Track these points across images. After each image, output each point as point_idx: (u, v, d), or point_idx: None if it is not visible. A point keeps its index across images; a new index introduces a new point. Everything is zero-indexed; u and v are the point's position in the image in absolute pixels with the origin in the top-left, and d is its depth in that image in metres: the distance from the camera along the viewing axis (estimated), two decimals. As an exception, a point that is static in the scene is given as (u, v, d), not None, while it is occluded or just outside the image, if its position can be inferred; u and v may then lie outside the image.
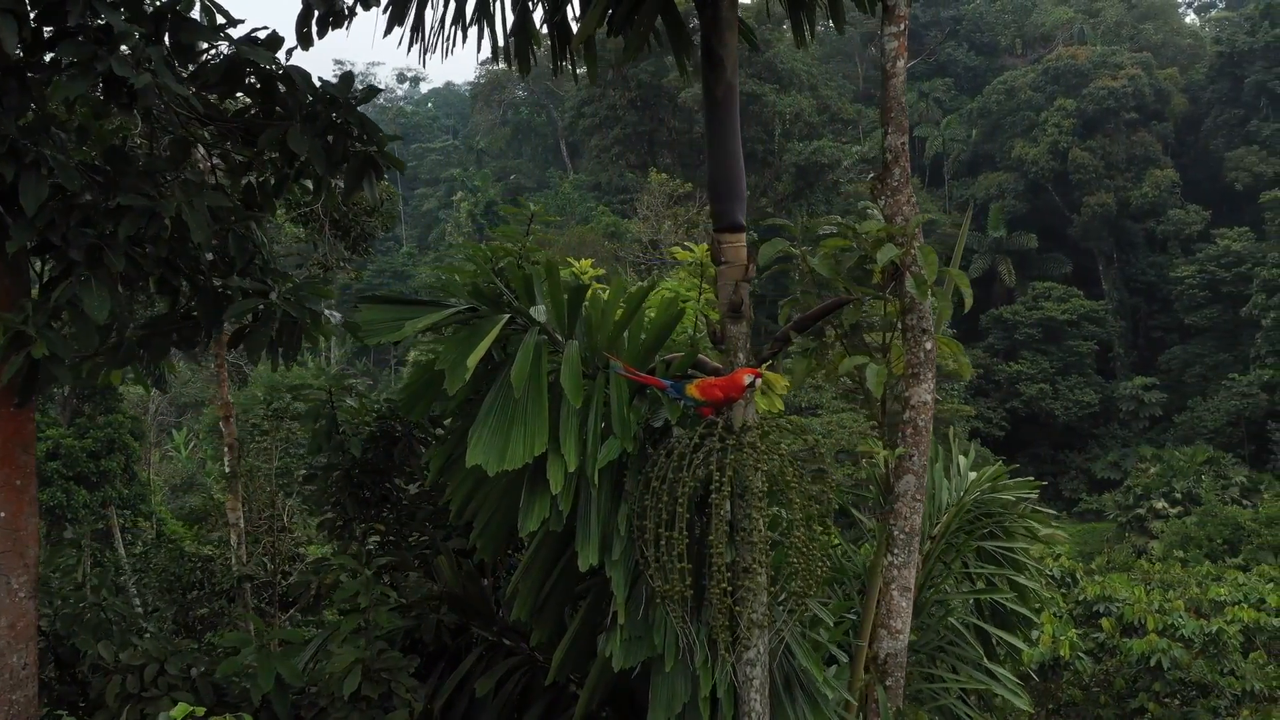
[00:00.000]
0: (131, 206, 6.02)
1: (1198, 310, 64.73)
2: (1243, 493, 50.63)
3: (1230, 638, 13.11)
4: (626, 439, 6.23)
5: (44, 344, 6.02)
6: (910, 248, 6.29)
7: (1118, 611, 14.17)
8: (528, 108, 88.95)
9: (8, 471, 6.51)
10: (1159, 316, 68.27)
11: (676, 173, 60.01)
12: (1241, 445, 57.89)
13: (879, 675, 6.38)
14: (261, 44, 6.41)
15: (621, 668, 6.25)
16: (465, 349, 6.23)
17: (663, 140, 66.50)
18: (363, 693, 6.87)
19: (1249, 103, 69.35)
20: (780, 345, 6.65)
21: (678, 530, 5.94)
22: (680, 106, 63.32)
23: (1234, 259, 63.51)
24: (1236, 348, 63.09)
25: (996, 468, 9.94)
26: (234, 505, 10.96)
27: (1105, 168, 67.27)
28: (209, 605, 10.42)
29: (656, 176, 53.41)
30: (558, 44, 7.80)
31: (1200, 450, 54.02)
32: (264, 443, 12.44)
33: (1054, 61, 71.67)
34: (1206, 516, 44.82)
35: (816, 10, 7.65)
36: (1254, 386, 58.49)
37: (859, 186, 66.15)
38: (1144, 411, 62.04)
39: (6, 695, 6.47)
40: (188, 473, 42.82)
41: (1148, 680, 13.41)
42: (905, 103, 6.43)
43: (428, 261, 77.62)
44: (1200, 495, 48.73)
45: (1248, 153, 68.04)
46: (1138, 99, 68.33)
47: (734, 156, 6.76)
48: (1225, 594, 15.33)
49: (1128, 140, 68.11)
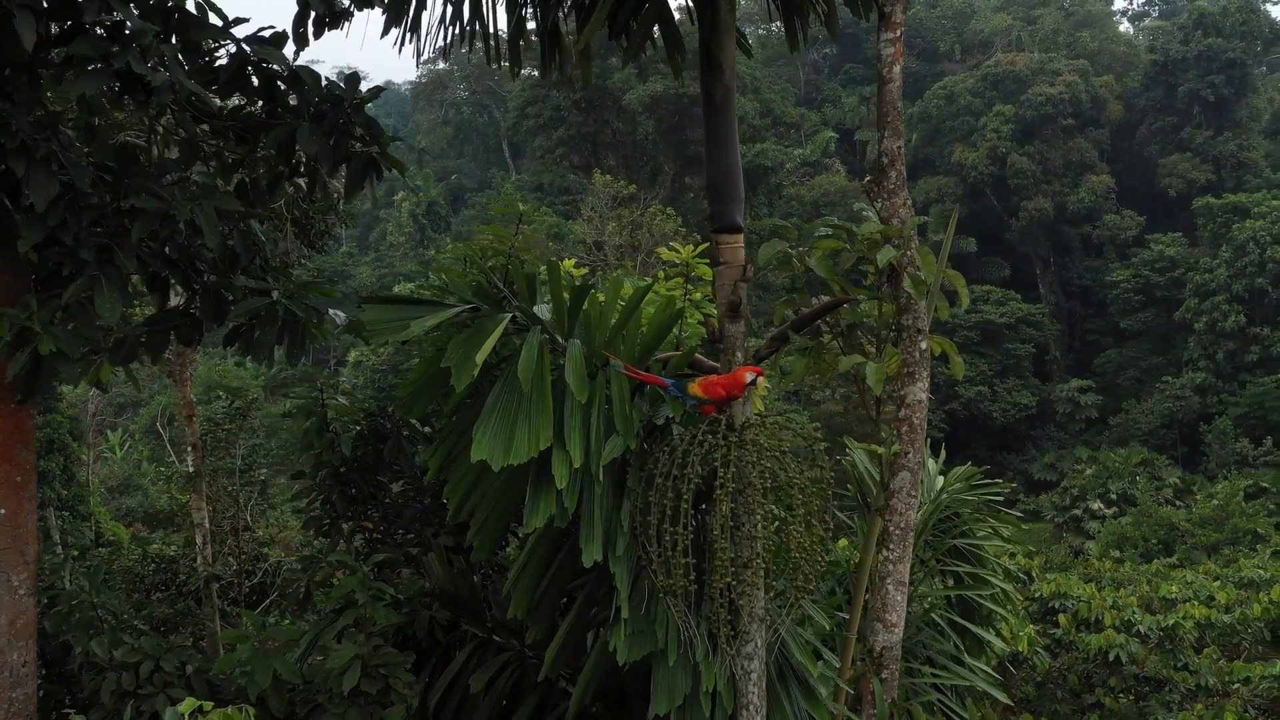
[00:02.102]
0: (145, 209, 6.03)
1: (1132, 314, 65.80)
2: (1176, 494, 51.41)
3: (1186, 633, 13.45)
4: (629, 436, 6.34)
5: (51, 341, 6.02)
6: (907, 249, 6.44)
7: (1073, 608, 14.46)
8: (470, 108, 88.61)
9: (8, 468, 6.49)
10: (1094, 320, 69.30)
11: (620, 174, 60.17)
12: (1174, 447, 58.93)
13: (875, 668, 6.53)
14: (269, 43, 6.44)
15: (625, 662, 6.34)
16: (470, 347, 6.32)
17: (607, 142, 66.60)
18: (361, 688, 6.92)
19: (1182, 110, 70.58)
20: (778, 344, 6.79)
21: (682, 526, 6.07)
22: (624, 108, 63.46)
23: (1167, 264, 64.66)
24: (1170, 351, 64.17)
25: (968, 469, 10.16)
26: (199, 505, 10.91)
27: (1043, 173, 68.21)
28: (174, 605, 10.38)
29: (601, 178, 53.52)
30: (548, 49, 7.89)
31: (1135, 452, 54.87)
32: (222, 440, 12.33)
33: (993, 68, 72.56)
34: (1142, 517, 45.47)
35: (810, 16, 7.79)
36: (1186, 389, 59.58)
37: (800, 189, 66.70)
38: (1080, 414, 62.92)
39: (6, 693, 6.45)
40: (124, 474, 42.31)
41: (1104, 675, 13.70)
42: (901, 107, 6.59)
43: (368, 261, 77.02)
44: (1135, 496, 49.45)
45: (1181, 159, 69.29)
46: (1075, 105, 69.35)
47: (732, 158, 6.89)
48: (1176, 591, 15.71)
49: (1065, 146, 69.09)
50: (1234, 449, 55.74)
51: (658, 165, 65.17)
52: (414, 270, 69.27)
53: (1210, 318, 60.10)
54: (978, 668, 8.71)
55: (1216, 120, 69.82)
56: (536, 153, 70.38)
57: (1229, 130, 69.71)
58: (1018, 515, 10.92)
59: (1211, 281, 60.80)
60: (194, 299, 7.10)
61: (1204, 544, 40.87)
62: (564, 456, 6.21)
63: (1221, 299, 60.13)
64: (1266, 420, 56.88)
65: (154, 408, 57.52)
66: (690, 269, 8.45)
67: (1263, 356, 59.02)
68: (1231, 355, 60.01)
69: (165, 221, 6.11)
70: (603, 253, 47.94)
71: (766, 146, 63.45)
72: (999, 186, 69.36)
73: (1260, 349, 59.10)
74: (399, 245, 73.77)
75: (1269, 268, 58.80)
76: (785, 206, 65.09)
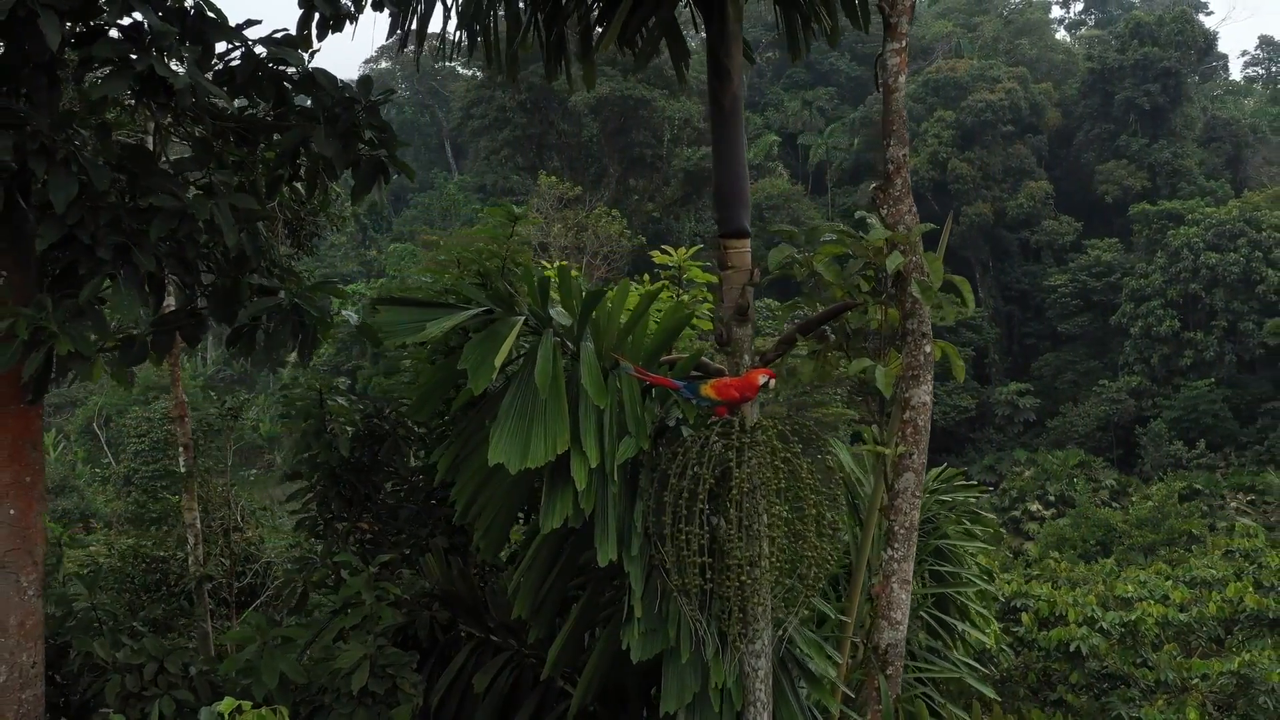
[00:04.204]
0: (163, 207, 6.04)
1: (1070, 318, 66.62)
2: (1112, 495, 52.31)
3: (1148, 629, 13.73)
4: (642, 437, 6.42)
5: (68, 341, 6.01)
6: (913, 255, 6.58)
7: (1034, 606, 14.71)
8: (412, 107, 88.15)
9: (17, 469, 6.46)
10: (1033, 324, 70.12)
11: (565, 176, 60.10)
12: (1111, 449, 59.78)
13: (880, 664, 6.65)
14: (286, 44, 6.47)
15: (639, 660, 6.42)
16: (487, 349, 6.37)
17: (551, 143, 66.43)
18: (369, 688, 6.95)
19: (1119, 118, 71.62)
20: (785, 347, 6.90)
21: (697, 526, 6.16)
22: (570, 110, 63.38)
23: (1104, 269, 65.62)
24: (1106, 355, 65.07)
25: (947, 470, 10.35)
26: (190, 506, 10.86)
27: (983, 178, 68.95)
28: (165, 606, 10.33)
29: (546, 179, 53.43)
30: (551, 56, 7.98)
31: (1072, 454, 55.73)
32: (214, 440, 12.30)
33: (934, 74, 73.30)
34: (1080, 518, 46.16)
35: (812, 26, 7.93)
36: (1122, 393, 60.45)
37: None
38: (1018, 417, 63.63)
39: (16, 694, 6.42)
40: (60, 475, 41.72)
41: (1065, 671, 13.95)
42: (906, 115, 6.72)
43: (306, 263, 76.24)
44: (1073, 498, 50.26)
45: (1117, 166, 70.30)
46: (1014, 112, 70.16)
47: (740, 164, 7.00)
48: (1132, 591, 16.02)
49: (1004, 152, 69.85)
50: (1168, 451, 56.67)
51: (603, 167, 65.16)
52: (355, 270, 68.80)
53: (1145, 322, 61.10)
54: (962, 662, 8.89)
55: (1152, 128, 70.90)
56: (481, 153, 70.14)
57: (1164, 138, 70.83)
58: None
59: (1147, 287, 61.82)
60: (194, 299, 7.11)
61: (1141, 545, 41.58)
62: (581, 458, 6.27)
63: (1156, 304, 61.13)
64: (1199, 423, 57.96)
65: (89, 409, 56.72)
66: (682, 273, 8.54)
67: (1196, 361, 60.07)
68: (1166, 359, 60.99)
69: (184, 221, 6.11)
70: (548, 254, 47.85)
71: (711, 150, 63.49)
72: (940, 191, 69.98)
73: (1193, 353, 60.15)
74: (340, 245, 73.17)
75: (1202, 273, 59.88)
76: (729, 209, 65.29)
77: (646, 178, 64.23)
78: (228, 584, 10.85)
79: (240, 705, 5.11)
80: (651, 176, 64.01)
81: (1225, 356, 60.11)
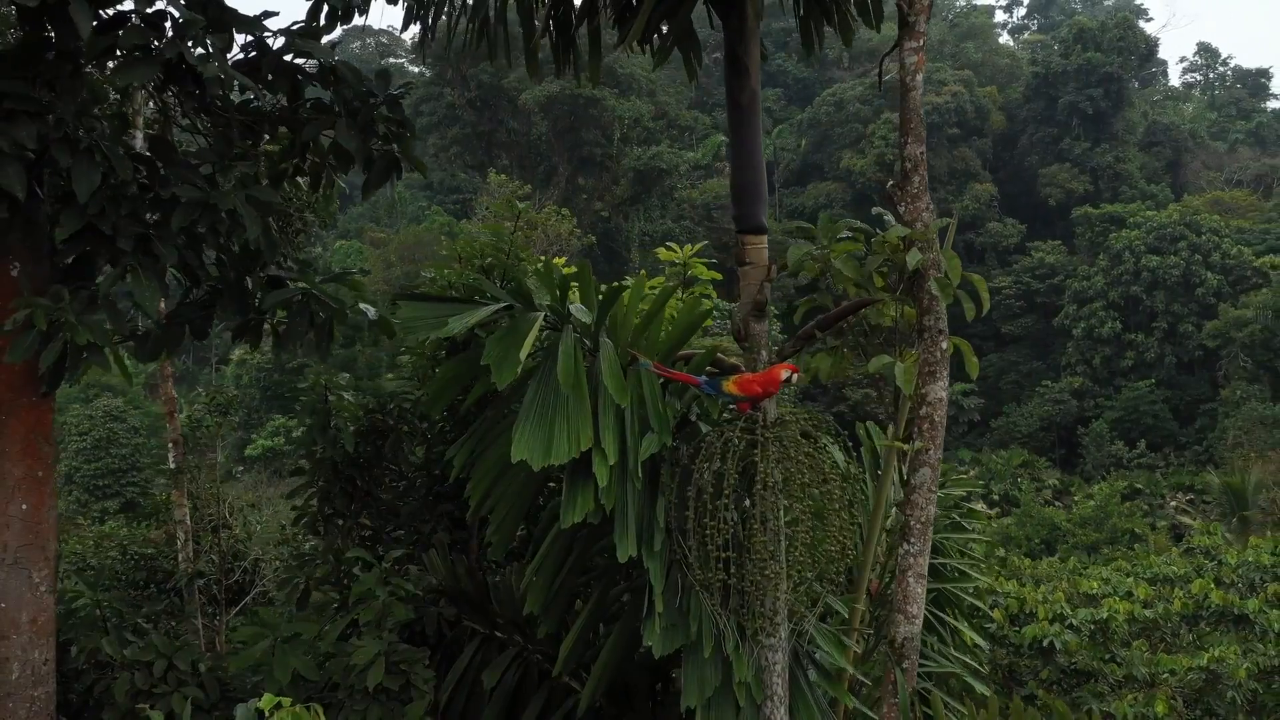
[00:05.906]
0: (185, 198, 5.96)
1: (1014, 320, 67.33)
2: (1055, 495, 52.97)
3: (1118, 625, 13.91)
4: (664, 433, 6.41)
5: (86, 332, 5.92)
6: (932, 252, 6.64)
7: (1004, 603, 14.86)
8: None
9: (30, 463, 6.36)
10: (977, 325, 69.88)
11: (515, 174, 60.01)
12: (1053, 449, 60.56)
13: (896, 658, 6.70)
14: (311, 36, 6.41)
15: (661, 655, 6.42)
16: (509, 345, 6.34)
17: (501, 141, 66.29)
18: (383, 684, 6.90)
19: (1062, 122, 72.56)
20: (802, 343, 6.93)
21: (721, 521, 6.17)
22: (520, 108, 63.24)
23: (1047, 271, 66.47)
24: (1049, 356, 65.92)
25: (939, 465, 10.39)
26: (180, 502, 10.73)
27: (929, 180, 69.51)
28: (156, 603, 10.19)
29: (496, 178, 53.30)
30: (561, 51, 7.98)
31: (1015, 454, 56.33)
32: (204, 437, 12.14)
33: (881, 76, 73.82)
34: (1024, 517, 46.74)
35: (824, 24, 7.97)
36: (1065, 393, 61.29)
37: (693, 193, 67.09)
38: (963, 417, 64.16)
39: (28, 691, 6.32)
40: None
41: (1035, 667, 14.11)
42: (923, 114, 6.77)
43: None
44: (1017, 497, 50.79)
45: (1060, 169, 71.25)
46: (959, 115, 70.90)
47: (757, 160, 7.02)
48: (1096, 588, 16.21)
49: (950, 155, 70.56)
50: (1109, 451, 57.49)
51: (552, 166, 65.11)
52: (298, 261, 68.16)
53: (1088, 324, 62.02)
54: (958, 658, 8.96)
55: (1094, 132, 71.89)
56: (429, 151, 69.85)
57: (1106, 142, 71.89)
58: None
59: (1089, 289, 62.75)
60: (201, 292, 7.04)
61: (1085, 543, 42.15)
62: (602, 455, 6.26)
63: (1098, 306, 62.08)
64: (1140, 424, 58.92)
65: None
66: (687, 269, 8.56)
67: (1137, 362, 61.08)
68: (1108, 360, 61.94)
69: (206, 211, 6.04)
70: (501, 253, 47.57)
71: (661, 149, 63.70)
72: (886, 193, 70.47)
73: (1134, 354, 61.16)
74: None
75: (1143, 276, 60.90)
76: (677, 209, 65.49)
77: (596, 177, 64.25)
78: (218, 581, 10.73)
79: (280, 702, 5.04)
80: (601, 176, 64.05)
81: (1165, 358, 61.13)
